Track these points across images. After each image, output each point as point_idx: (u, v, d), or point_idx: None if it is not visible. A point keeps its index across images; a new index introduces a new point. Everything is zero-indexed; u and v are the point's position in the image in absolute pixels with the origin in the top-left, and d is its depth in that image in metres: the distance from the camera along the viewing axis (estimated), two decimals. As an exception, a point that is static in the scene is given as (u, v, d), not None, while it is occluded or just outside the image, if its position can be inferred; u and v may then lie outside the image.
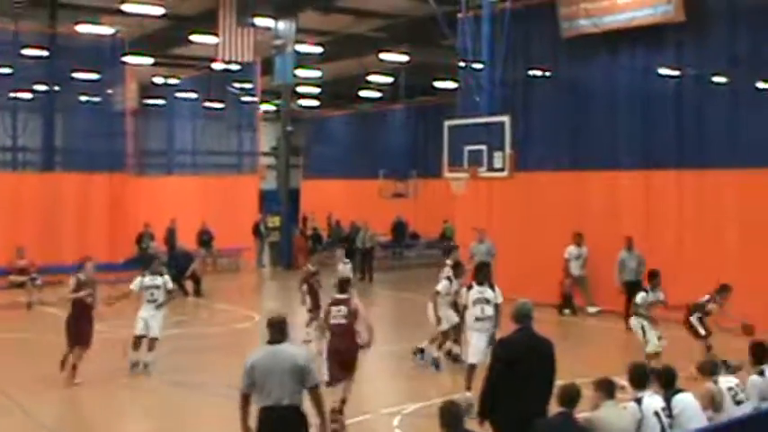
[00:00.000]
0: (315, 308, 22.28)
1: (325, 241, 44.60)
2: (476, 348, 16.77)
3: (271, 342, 10.45)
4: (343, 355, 15.21)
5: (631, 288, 23.95)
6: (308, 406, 10.41)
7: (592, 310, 27.71)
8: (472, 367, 16.66)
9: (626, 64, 28.34)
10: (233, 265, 42.00)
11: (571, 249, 27.89)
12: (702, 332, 18.93)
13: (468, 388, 16.32)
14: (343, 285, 15.84)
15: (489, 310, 16.91)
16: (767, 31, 24.71)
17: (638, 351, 18.43)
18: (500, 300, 16.91)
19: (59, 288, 28.55)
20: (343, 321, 15.18)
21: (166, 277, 20.70)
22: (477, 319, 16.97)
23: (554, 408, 10.15)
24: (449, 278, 20.03)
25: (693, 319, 18.98)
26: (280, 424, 10.28)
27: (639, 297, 19.19)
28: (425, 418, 14.74)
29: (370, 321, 15.77)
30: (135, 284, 20.28)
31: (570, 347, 18.25)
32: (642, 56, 27.91)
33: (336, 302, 15.46)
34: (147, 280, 20.33)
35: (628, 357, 14.65)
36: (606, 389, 10.29)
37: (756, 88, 25.61)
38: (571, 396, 9.82)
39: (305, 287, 22.94)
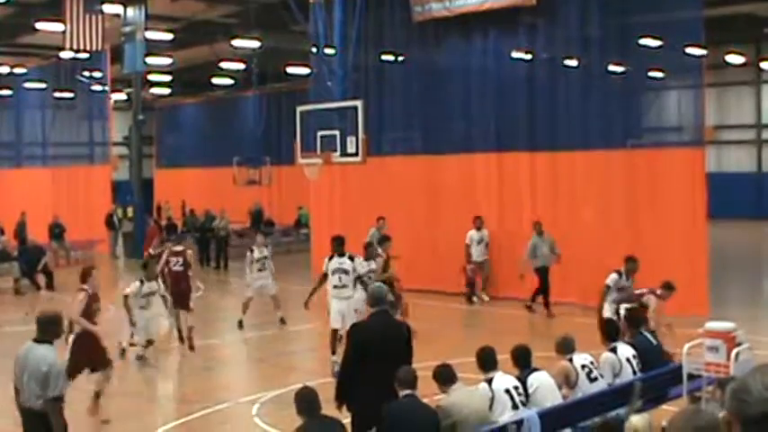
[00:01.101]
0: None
1: (180, 230, 44.26)
2: (336, 314, 18.24)
3: (34, 339, 10.08)
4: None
5: (544, 274, 24.37)
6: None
7: (485, 297, 27.18)
8: (334, 332, 17.99)
9: (479, 48, 28.60)
10: (87, 258, 41.40)
11: (472, 234, 26.93)
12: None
13: (333, 352, 17.58)
14: None
15: (346, 279, 18.46)
16: (618, 15, 25.16)
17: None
18: (361, 270, 18.60)
19: None
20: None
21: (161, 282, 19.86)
22: (335, 287, 18.48)
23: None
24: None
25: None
26: (27, 427, 10.02)
27: (611, 279, 18.12)
28: (284, 404, 14.76)
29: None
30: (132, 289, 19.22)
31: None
32: (495, 39, 28.14)
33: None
34: (145, 288, 19.17)
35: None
36: (446, 375, 10.39)
37: (607, 71, 26.17)
38: (412, 377, 9.88)
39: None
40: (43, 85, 47.80)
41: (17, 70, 49.14)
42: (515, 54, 28.00)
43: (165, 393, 16.85)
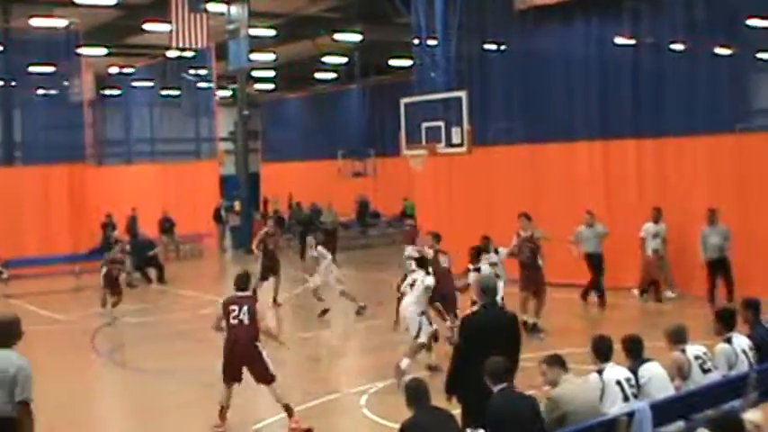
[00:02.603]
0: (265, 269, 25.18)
1: (287, 223, 44.67)
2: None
3: None
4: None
5: (716, 266, 22.93)
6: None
7: (671, 294, 25.05)
8: None
9: (581, 34, 28.27)
10: (195, 251, 42.01)
11: (648, 226, 24.75)
12: None
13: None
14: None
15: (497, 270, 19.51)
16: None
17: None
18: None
19: (25, 281, 28.65)
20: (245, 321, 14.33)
21: None
22: None
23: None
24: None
25: None
26: None
27: None
28: (392, 395, 14.84)
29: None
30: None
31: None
32: (597, 25, 27.83)
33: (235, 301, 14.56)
34: None
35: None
36: (559, 363, 10.21)
37: (714, 54, 25.73)
38: (502, 370, 9.76)
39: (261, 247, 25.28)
40: (151, 84, 48.64)
41: (126, 70, 50.02)
42: (619, 40, 27.68)
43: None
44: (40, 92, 40.00)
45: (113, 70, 51.48)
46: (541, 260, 21.56)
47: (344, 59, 51.09)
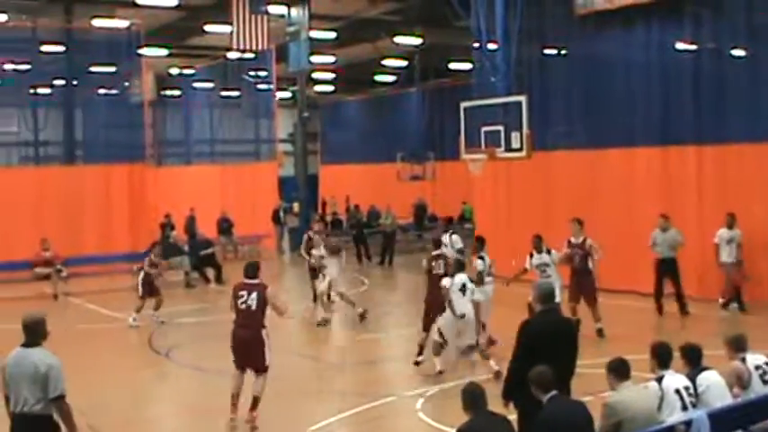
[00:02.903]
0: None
1: (345, 225, 44.78)
2: None
3: (23, 344, 9.91)
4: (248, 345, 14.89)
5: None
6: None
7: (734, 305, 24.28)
8: None
9: (641, 40, 28.06)
10: (253, 252, 42.11)
11: (722, 232, 24.15)
12: None
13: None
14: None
15: (550, 271, 20.62)
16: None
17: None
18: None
19: (84, 280, 28.89)
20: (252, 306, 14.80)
21: None
22: None
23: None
24: None
25: None
26: None
27: None
28: (448, 399, 14.83)
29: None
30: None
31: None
32: (658, 31, 27.60)
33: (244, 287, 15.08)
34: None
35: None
36: (618, 370, 10.09)
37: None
38: (552, 378, 9.66)
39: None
40: (211, 85, 48.88)
41: (186, 71, 50.36)
42: (680, 45, 27.45)
43: (329, 387, 17.04)
44: (102, 92, 40.32)
45: (174, 71, 51.87)
46: (593, 266, 21.47)
47: (404, 62, 51.09)
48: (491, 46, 30.45)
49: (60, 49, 38.32)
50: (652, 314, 23.77)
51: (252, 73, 46.23)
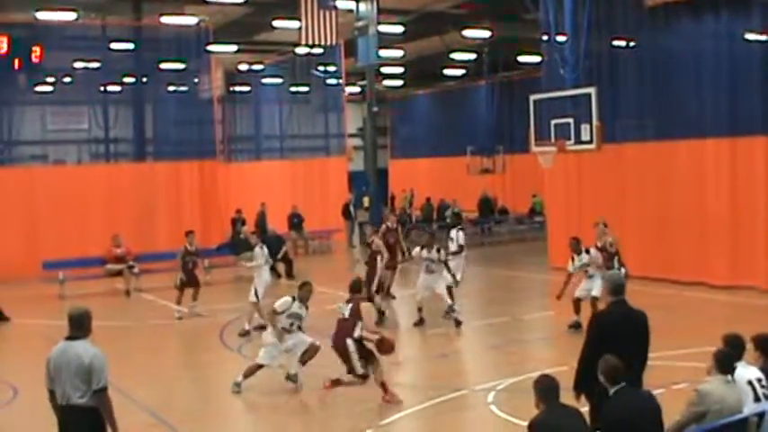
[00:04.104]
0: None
1: (415, 218, 44.81)
2: None
3: (68, 337, 9.89)
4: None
5: None
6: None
7: None
8: None
9: (711, 30, 27.83)
10: (324, 247, 42.23)
11: None
12: None
13: None
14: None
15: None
16: None
17: None
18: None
19: (156, 276, 29.16)
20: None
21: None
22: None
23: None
24: None
25: None
26: (69, 424, 9.82)
27: None
28: (520, 392, 14.81)
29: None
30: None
31: None
32: (727, 21, 27.32)
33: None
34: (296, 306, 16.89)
35: None
36: (720, 361, 10.01)
37: None
38: (621, 368, 9.56)
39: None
40: (280, 80, 49.14)
41: (255, 67, 50.59)
42: (749, 35, 27.17)
43: (401, 381, 17.01)
44: (171, 88, 40.69)
45: (243, 67, 52.08)
46: (622, 266, 21.28)
47: (473, 56, 50.96)
48: (560, 38, 30.30)
49: (130, 46, 38.74)
50: (722, 306, 23.61)
51: (321, 68, 46.38)
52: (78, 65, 38.58)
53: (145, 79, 39.43)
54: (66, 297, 28.00)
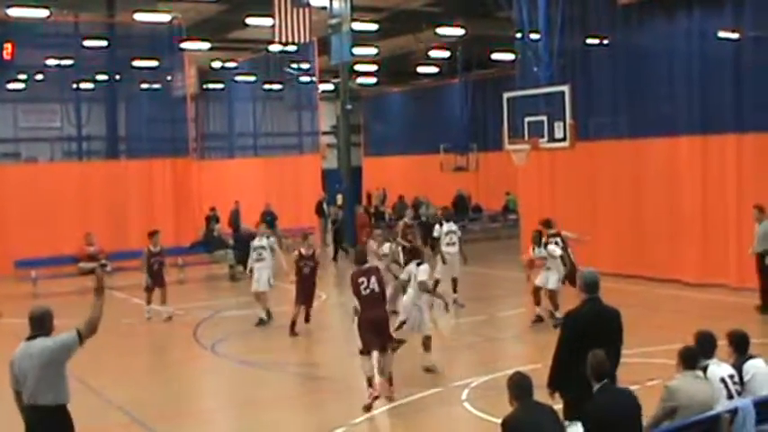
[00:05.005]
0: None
1: (389, 217, 44.76)
2: None
3: (29, 338, 9.69)
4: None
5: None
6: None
7: None
8: None
9: (683, 28, 27.93)
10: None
11: None
12: None
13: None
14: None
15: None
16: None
17: None
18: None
19: (129, 274, 29.07)
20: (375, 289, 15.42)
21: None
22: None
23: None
24: None
25: None
26: (36, 425, 9.61)
27: None
28: (494, 390, 14.81)
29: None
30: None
31: None
32: (699, 19, 27.44)
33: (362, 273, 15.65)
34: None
35: None
36: (684, 358, 10.14)
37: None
38: (606, 368, 9.70)
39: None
40: (253, 78, 49.08)
41: (228, 64, 50.55)
42: (721, 34, 27.26)
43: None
44: (144, 86, 40.59)
45: (216, 65, 52.00)
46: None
47: (447, 54, 50.98)
48: (533, 36, 30.40)
49: (102, 43, 38.57)
50: (694, 303, 23.77)
51: (294, 66, 46.33)
52: (51, 62, 38.46)
53: (118, 77, 39.26)
54: (38, 296, 27.85)
